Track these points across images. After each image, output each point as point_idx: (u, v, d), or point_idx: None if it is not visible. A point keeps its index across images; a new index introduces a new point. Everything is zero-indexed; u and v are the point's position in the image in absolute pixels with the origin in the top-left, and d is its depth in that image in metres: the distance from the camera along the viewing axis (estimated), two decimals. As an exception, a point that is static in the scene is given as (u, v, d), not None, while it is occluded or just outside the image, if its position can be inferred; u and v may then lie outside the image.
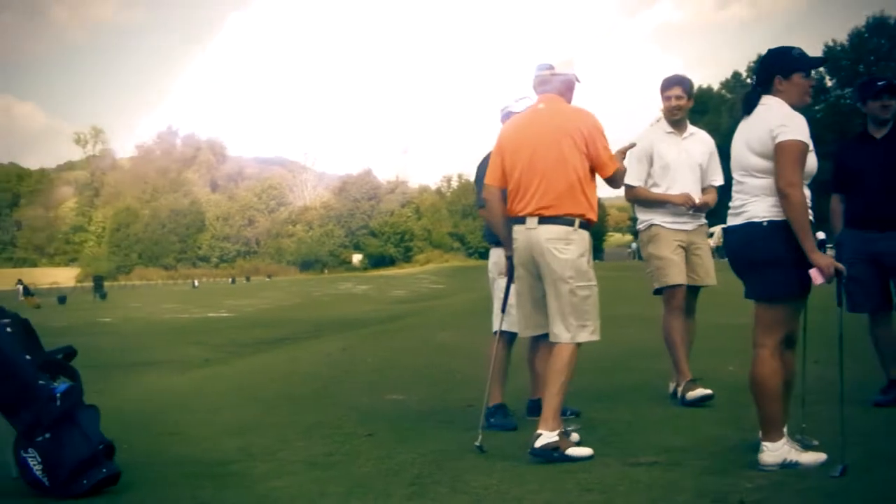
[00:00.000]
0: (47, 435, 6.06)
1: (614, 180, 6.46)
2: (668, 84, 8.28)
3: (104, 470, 6.05)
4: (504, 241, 6.73)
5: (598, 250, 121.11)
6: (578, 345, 6.24)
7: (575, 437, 6.37)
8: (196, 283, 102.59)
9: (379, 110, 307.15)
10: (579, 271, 6.20)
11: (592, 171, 6.32)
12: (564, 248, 6.18)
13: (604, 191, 6.79)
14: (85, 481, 5.96)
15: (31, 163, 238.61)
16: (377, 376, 11.78)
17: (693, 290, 8.24)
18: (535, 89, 6.66)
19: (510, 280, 6.83)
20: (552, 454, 5.94)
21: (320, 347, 18.25)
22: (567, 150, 6.20)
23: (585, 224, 6.27)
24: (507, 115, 7.30)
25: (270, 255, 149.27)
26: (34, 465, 6.05)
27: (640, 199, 8.25)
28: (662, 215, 8.08)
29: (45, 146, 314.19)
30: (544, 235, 6.23)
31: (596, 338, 6.31)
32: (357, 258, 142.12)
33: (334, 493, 5.57)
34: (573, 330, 6.18)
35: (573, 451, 6.03)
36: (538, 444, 5.99)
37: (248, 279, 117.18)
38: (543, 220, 6.24)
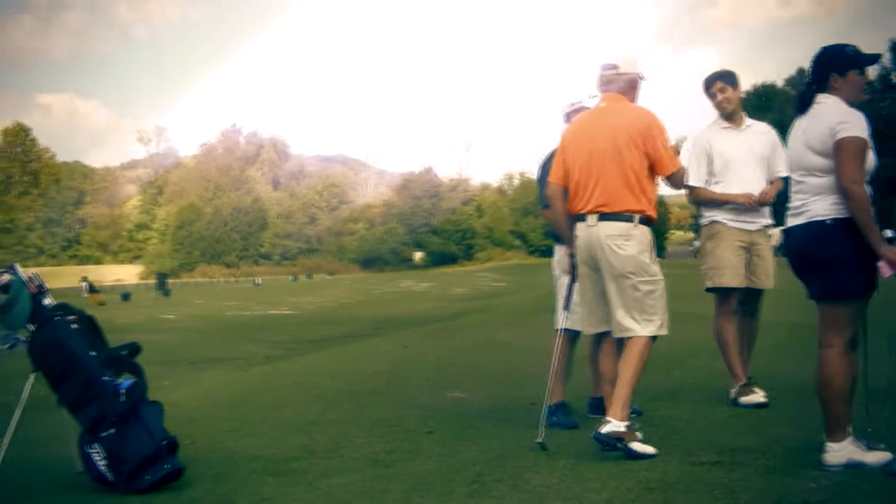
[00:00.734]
0: (112, 430, 6.14)
1: (673, 180, 6.51)
2: (709, 81, 8.18)
3: (167, 466, 6.12)
4: (566, 239, 6.72)
5: (660, 248, 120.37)
6: (653, 339, 6.25)
7: (638, 436, 6.35)
8: (258, 280, 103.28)
9: (441, 108, 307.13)
10: (640, 267, 6.20)
11: (652, 169, 6.31)
12: (624, 244, 6.19)
13: (667, 188, 6.77)
14: (148, 477, 6.03)
15: (96, 161, 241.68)
16: (438, 374, 11.78)
17: (755, 292, 8.12)
18: (598, 88, 6.66)
19: (573, 278, 6.81)
20: (615, 443, 5.93)
21: (382, 345, 18.30)
22: (625, 148, 6.22)
23: (646, 220, 6.27)
24: (577, 111, 7.26)
25: (332, 253, 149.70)
26: (98, 460, 6.13)
27: (702, 201, 8.12)
28: (726, 213, 7.95)
29: (109, 144, 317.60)
30: (604, 232, 6.23)
31: (663, 332, 6.30)
32: (418, 256, 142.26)
33: (396, 490, 5.59)
34: (638, 325, 6.19)
35: (637, 447, 5.98)
36: (604, 430, 5.99)
37: (309, 277, 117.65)
38: (603, 217, 6.25)
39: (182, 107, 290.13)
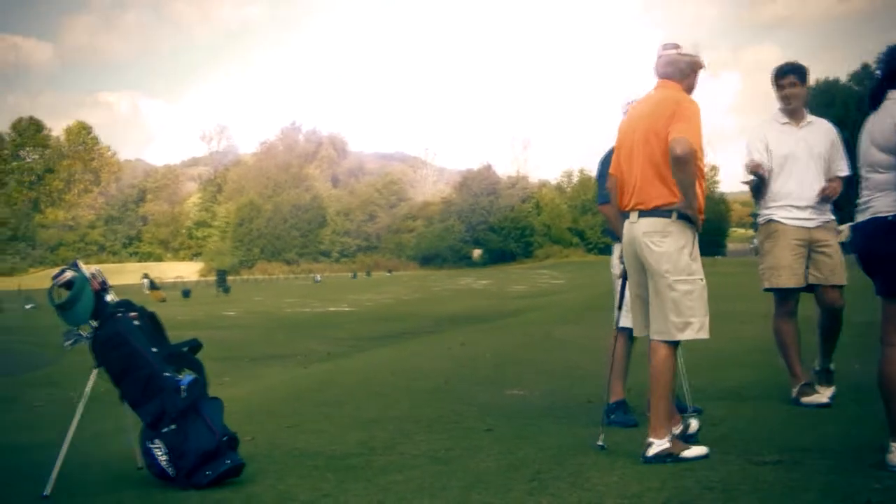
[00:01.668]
0: (173, 426, 6.19)
1: (677, 160, 5.81)
2: (782, 72, 8.01)
3: (227, 461, 6.16)
4: (619, 236, 6.66)
5: (720, 246, 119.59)
6: (676, 344, 6.09)
7: (694, 425, 6.28)
8: (318, 277, 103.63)
9: (499, 105, 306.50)
10: (677, 265, 5.99)
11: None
12: (661, 240, 6.01)
13: (728, 185, 6.64)
14: (209, 472, 6.08)
15: (157, 159, 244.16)
16: (497, 371, 11.78)
17: (830, 288, 7.90)
18: (656, 72, 6.47)
19: (624, 276, 6.75)
20: (665, 461, 5.85)
21: (440, 342, 18.32)
22: (655, 139, 6.00)
23: (685, 216, 6.05)
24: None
25: (391, 250, 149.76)
26: (159, 455, 6.18)
27: (758, 172, 7.95)
28: (784, 211, 7.81)
29: (170, 143, 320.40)
30: (642, 229, 6.09)
31: (703, 335, 6.07)
32: (477, 253, 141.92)
33: (454, 487, 5.58)
34: (675, 328, 5.99)
35: (688, 454, 5.90)
36: (650, 452, 5.89)
37: (368, 274, 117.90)
38: (643, 213, 6.11)
39: (242, 105, 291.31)
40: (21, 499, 6.26)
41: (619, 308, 7.15)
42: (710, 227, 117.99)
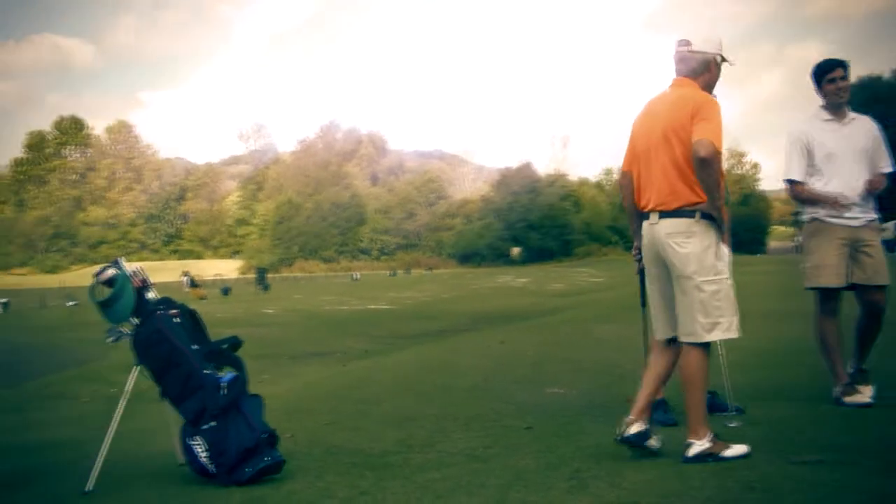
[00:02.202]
0: (213, 423, 6.23)
1: (702, 162, 5.71)
2: (829, 66, 7.89)
3: (267, 458, 6.19)
4: (632, 234, 6.60)
5: (760, 244, 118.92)
6: (706, 346, 6.00)
7: (654, 442, 6.21)
8: (356, 275, 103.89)
9: (539, 102, 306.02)
10: (704, 265, 5.89)
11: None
12: (685, 241, 5.91)
13: (768, 183, 6.57)
14: (248, 469, 6.11)
15: (197, 157, 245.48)
16: (536, 369, 11.76)
17: (872, 288, 7.81)
18: (675, 69, 6.39)
19: (642, 277, 6.68)
20: (706, 461, 5.81)
21: (479, 340, 18.31)
22: (674, 138, 5.90)
23: (709, 215, 5.93)
24: None
25: (430, 248, 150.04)
26: (200, 452, 6.22)
27: (801, 198, 7.91)
28: (828, 209, 7.73)
29: (210, 141, 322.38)
30: (664, 230, 5.98)
31: (732, 335, 5.98)
32: (516, 251, 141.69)
33: (493, 485, 5.58)
34: (703, 329, 5.91)
35: (729, 453, 5.83)
36: (690, 453, 5.83)
37: (407, 272, 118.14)
38: (664, 214, 6.00)
39: (281, 103, 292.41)
40: (64, 494, 6.32)
41: (642, 306, 7.10)
42: (751, 225, 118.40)
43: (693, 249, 5.90)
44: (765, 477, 5.32)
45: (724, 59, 6.25)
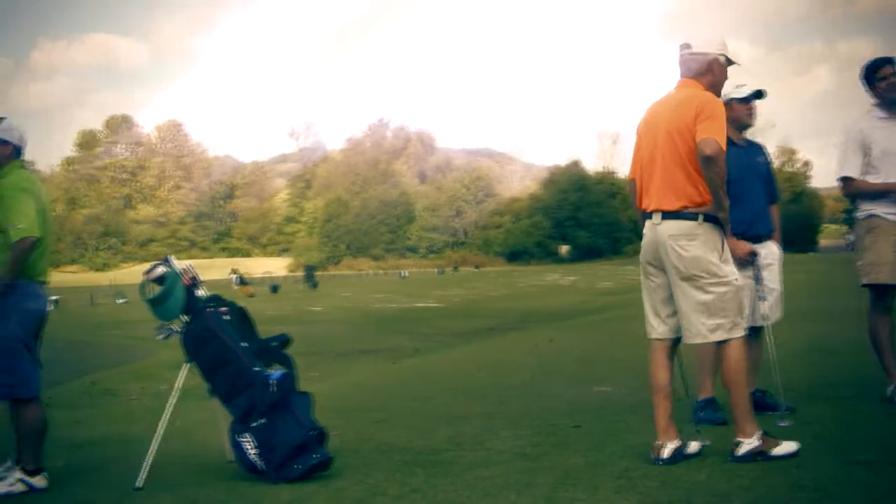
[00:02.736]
0: (262, 420, 6.25)
1: (707, 160, 5.63)
2: (878, 64, 7.78)
3: (316, 455, 6.21)
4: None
5: (812, 242, 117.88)
6: (740, 341, 5.90)
7: (694, 446, 6.14)
8: (404, 273, 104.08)
9: (587, 100, 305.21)
10: (707, 268, 5.83)
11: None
12: (688, 244, 5.84)
13: (820, 181, 6.49)
14: (298, 466, 6.13)
15: (246, 156, 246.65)
16: (584, 368, 11.73)
17: None
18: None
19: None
20: (756, 459, 5.75)
21: (527, 338, 18.30)
22: (679, 139, 5.82)
23: (712, 217, 5.86)
24: (726, 104, 7.11)
25: (478, 246, 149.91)
26: (249, 449, 6.25)
27: (859, 192, 7.81)
28: (885, 206, 7.63)
29: (258, 139, 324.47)
30: (667, 232, 5.92)
31: (736, 335, 5.88)
32: (564, 249, 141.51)
33: (542, 483, 5.56)
34: (707, 329, 5.86)
35: (778, 451, 5.77)
36: (739, 452, 5.77)
37: (455, 270, 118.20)
38: (667, 215, 5.94)
39: (330, 101, 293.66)
40: (114, 490, 6.37)
41: None
42: (803, 223, 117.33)
43: (696, 252, 5.84)
44: (816, 476, 5.27)
45: (728, 60, 6.18)
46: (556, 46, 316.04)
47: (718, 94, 6.06)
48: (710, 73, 6.10)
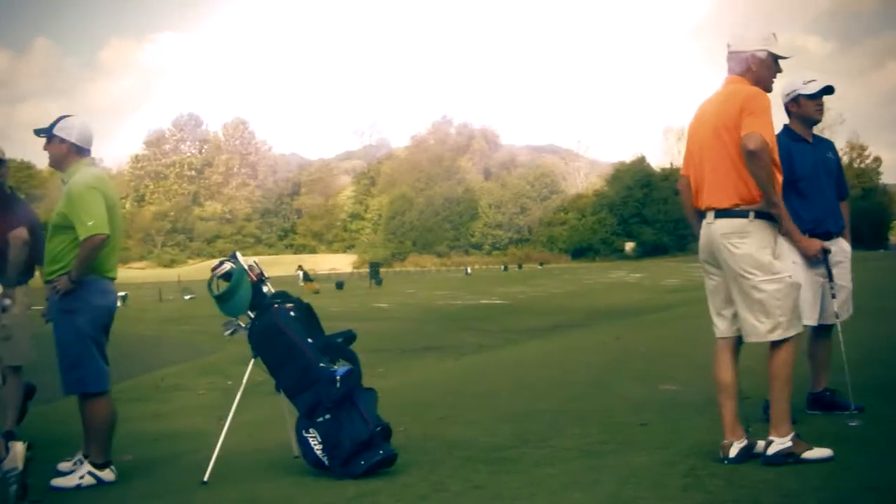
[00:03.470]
0: (328, 416, 6.29)
1: (751, 155, 5.63)
2: None
3: (381, 452, 6.23)
4: (698, 235, 6.47)
5: (883, 239, 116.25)
6: (786, 341, 5.82)
7: (761, 445, 6.05)
8: (469, 270, 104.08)
9: (652, 96, 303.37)
10: (760, 265, 5.77)
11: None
12: (740, 242, 5.81)
13: (890, 176, 6.38)
14: (362, 462, 6.15)
15: (311, 153, 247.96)
16: (650, 365, 11.65)
17: None
18: None
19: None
20: (786, 461, 5.66)
21: (593, 336, 18.23)
22: (725, 135, 5.80)
23: (764, 214, 5.81)
24: (794, 100, 7.03)
25: (542, 243, 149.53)
26: (315, 444, 6.28)
27: None
28: None
29: (324, 137, 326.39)
30: (720, 230, 5.89)
31: (792, 333, 5.82)
32: (629, 246, 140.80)
33: (607, 481, 5.53)
34: (764, 328, 5.80)
35: (810, 455, 5.68)
36: (770, 451, 5.68)
37: (520, 266, 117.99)
38: (719, 213, 5.91)
39: (394, 99, 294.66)
40: (181, 484, 6.44)
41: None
42: (873, 220, 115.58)
43: (748, 250, 5.80)
44: (889, 478, 5.20)
45: (774, 55, 6.09)
46: (622, 41, 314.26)
47: (766, 90, 6.01)
48: (750, 69, 6.06)
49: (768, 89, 6.03)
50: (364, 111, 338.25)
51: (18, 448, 5.84)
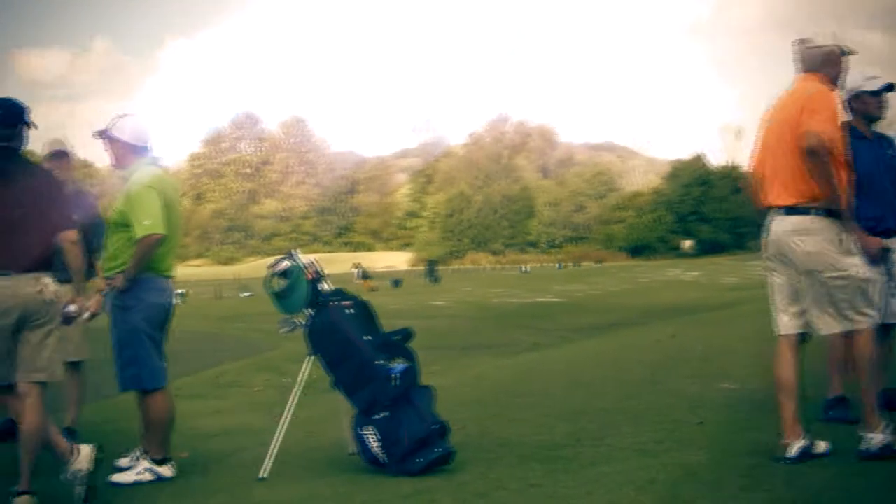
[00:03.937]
0: (385, 413, 6.31)
1: (809, 153, 5.65)
2: None
3: (438, 449, 6.24)
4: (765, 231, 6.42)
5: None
6: (870, 331, 5.80)
7: (822, 446, 5.99)
8: (525, 268, 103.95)
9: (710, 94, 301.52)
10: (826, 262, 5.77)
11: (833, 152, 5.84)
12: (804, 239, 5.81)
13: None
14: (420, 460, 6.17)
15: (368, 151, 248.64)
16: (707, 364, 11.56)
17: None
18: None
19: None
20: (882, 453, 5.60)
21: (649, 334, 18.14)
22: (791, 136, 5.78)
23: (829, 211, 5.77)
24: (857, 97, 6.95)
25: (599, 241, 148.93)
26: (372, 442, 6.31)
27: None
28: None
29: (380, 135, 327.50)
30: (785, 228, 5.91)
31: (862, 326, 5.79)
32: (687, 244, 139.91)
33: (663, 480, 5.51)
34: (835, 321, 5.81)
35: None
36: (863, 447, 5.66)
37: (576, 265, 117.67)
38: (785, 210, 5.92)
39: (450, 96, 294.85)
40: (239, 480, 6.49)
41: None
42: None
43: (813, 247, 5.80)
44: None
45: (843, 50, 6.06)
46: (680, 40, 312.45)
47: (837, 86, 6.02)
48: (830, 64, 6.05)
49: (839, 86, 6.03)
50: (421, 109, 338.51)
51: (86, 450, 5.93)
